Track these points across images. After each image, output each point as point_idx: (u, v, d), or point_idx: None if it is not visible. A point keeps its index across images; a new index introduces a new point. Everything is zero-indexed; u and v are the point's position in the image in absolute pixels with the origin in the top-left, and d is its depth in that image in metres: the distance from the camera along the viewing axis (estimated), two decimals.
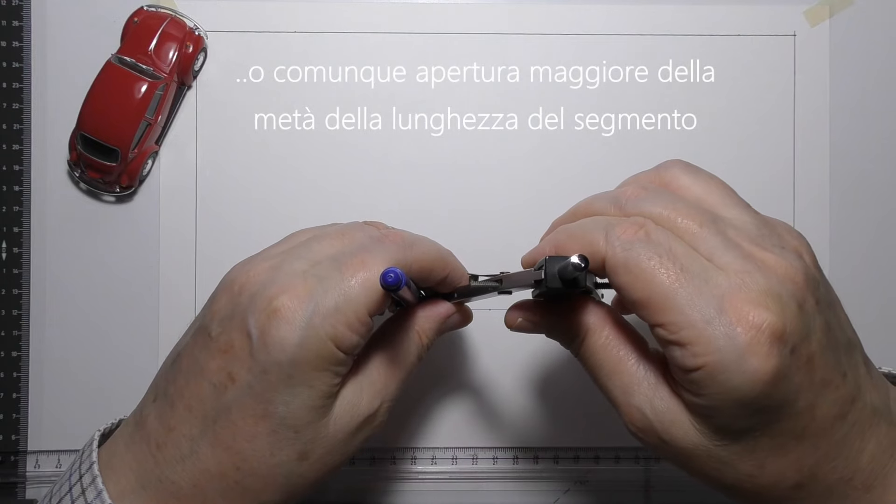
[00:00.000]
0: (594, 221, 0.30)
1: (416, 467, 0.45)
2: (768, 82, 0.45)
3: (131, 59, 0.43)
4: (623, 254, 0.27)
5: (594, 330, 0.31)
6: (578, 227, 0.30)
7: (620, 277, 0.28)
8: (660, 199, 0.29)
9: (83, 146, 0.43)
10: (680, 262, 0.27)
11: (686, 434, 0.28)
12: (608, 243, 0.28)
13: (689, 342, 0.26)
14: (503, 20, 0.45)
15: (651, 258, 0.27)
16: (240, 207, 0.45)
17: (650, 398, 0.29)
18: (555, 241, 0.31)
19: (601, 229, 0.29)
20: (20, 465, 0.44)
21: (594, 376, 0.31)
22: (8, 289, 0.44)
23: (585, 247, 0.29)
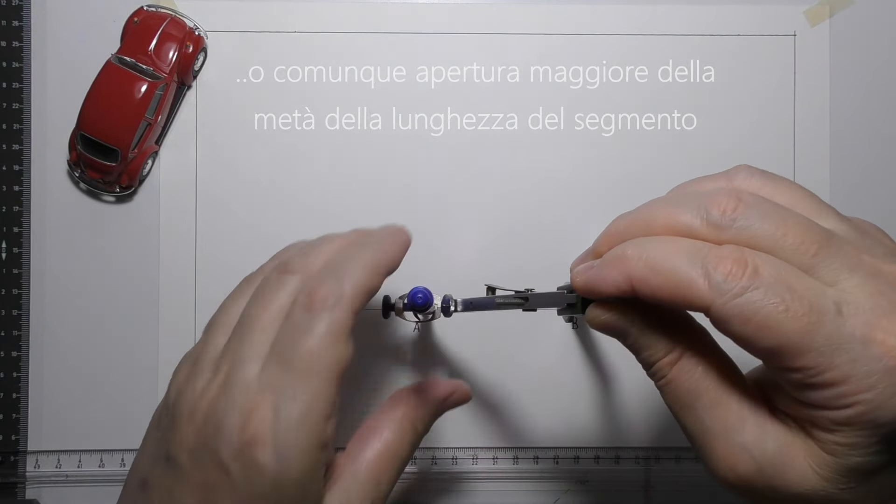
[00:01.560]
0: (680, 249, 0.25)
1: (416, 468, 0.45)
2: (768, 82, 0.45)
3: (131, 59, 0.43)
4: (734, 302, 0.24)
5: (698, 347, 0.26)
6: (662, 257, 0.25)
7: (737, 328, 0.24)
8: (764, 213, 0.25)
9: (83, 146, 0.43)
10: (807, 300, 0.23)
11: (803, 478, 0.25)
12: (713, 289, 0.24)
13: (836, 383, 0.23)
14: (503, 20, 0.45)
15: (772, 302, 0.23)
16: (240, 207, 0.45)
17: (760, 438, 0.25)
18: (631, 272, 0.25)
19: (694, 265, 0.24)
20: (20, 465, 0.44)
21: (683, 406, 0.27)
22: (8, 289, 0.44)
23: (679, 289, 0.24)
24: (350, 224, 0.45)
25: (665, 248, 0.25)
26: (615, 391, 0.45)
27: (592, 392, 0.45)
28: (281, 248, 0.45)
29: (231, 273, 0.45)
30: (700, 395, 0.26)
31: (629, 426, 0.45)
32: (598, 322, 0.28)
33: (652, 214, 0.27)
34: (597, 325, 0.29)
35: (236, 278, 0.45)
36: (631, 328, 0.27)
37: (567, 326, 0.45)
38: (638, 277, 0.25)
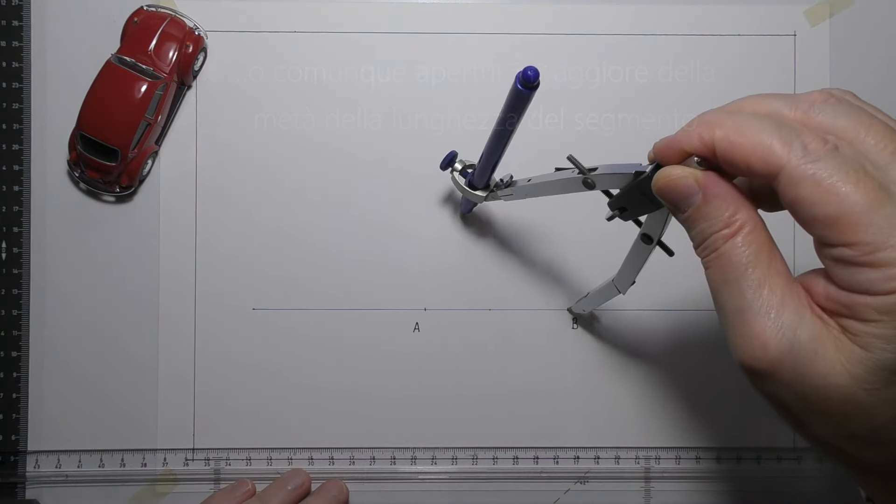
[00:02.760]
0: (767, 121, 0.26)
1: (416, 467, 0.45)
2: (768, 82, 0.45)
3: (131, 59, 0.43)
4: (810, 165, 0.24)
5: (759, 226, 0.27)
6: (747, 121, 0.26)
7: (803, 190, 0.24)
8: (851, 111, 0.26)
9: (83, 146, 0.43)
10: (877, 182, 0.24)
11: (831, 370, 0.25)
12: (791, 150, 0.25)
13: (885, 263, 0.24)
14: (503, 20, 0.45)
15: (844, 173, 0.24)
16: (240, 207, 0.45)
17: (796, 325, 0.25)
18: (716, 128, 0.27)
19: (777, 132, 0.25)
20: (20, 465, 0.44)
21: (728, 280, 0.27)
22: (8, 289, 0.44)
23: (756, 148, 0.25)
24: (350, 222, 0.45)
25: (751, 118, 0.26)
26: (615, 391, 0.45)
27: (592, 392, 0.45)
28: (279, 246, 0.45)
29: (231, 272, 0.45)
30: (747, 271, 0.26)
31: (629, 426, 0.45)
32: (668, 179, 0.28)
33: (744, 101, 0.29)
34: (665, 184, 0.28)
35: (236, 278, 0.45)
36: (696, 195, 0.27)
37: (567, 327, 0.45)
38: (722, 135, 0.26)
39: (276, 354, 0.45)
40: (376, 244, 0.45)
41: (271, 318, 0.45)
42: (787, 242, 0.45)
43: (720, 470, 0.45)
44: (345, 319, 0.45)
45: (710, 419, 0.45)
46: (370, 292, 0.45)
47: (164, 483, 0.45)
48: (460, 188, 0.41)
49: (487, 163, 0.38)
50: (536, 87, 0.31)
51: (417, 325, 0.45)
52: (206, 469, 0.45)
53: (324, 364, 0.45)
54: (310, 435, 0.45)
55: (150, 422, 0.45)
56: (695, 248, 0.28)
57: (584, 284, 0.45)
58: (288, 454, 0.45)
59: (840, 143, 0.25)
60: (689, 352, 0.45)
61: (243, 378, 0.45)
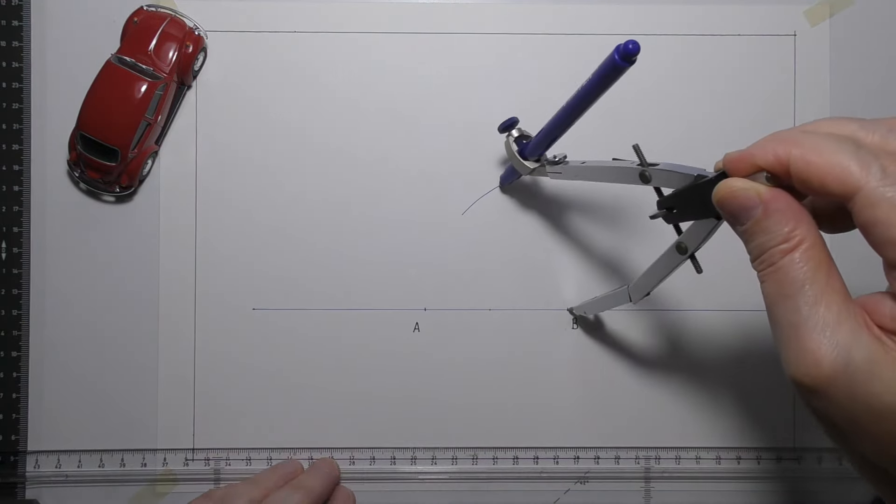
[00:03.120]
0: (843, 142, 0.26)
1: (416, 467, 0.45)
2: (768, 82, 0.45)
3: (131, 59, 0.43)
4: (889, 188, 0.24)
5: (819, 243, 0.27)
6: (825, 142, 0.26)
7: (881, 212, 0.24)
8: None
9: (83, 146, 0.43)
10: None
11: (885, 392, 0.24)
12: (869, 172, 0.24)
13: None
14: (503, 20, 0.45)
15: None
16: (240, 207, 0.45)
17: (852, 344, 0.25)
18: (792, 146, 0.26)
19: (855, 154, 0.25)
20: (20, 465, 0.44)
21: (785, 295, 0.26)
22: (8, 289, 0.44)
23: (833, 168, 0.25)
24: (350, 222, 0.45)
25: (829, 138, 0.26)
26: (615, 391, 0.45)
27: (592, 392, 0.45)
28: (279, 246, 0.45)
29: (231, 272, 0.45)
30: (804, 287, 0.26)
31: (629, 426, 0.45)
32: (730, 191, 0.28)
33: (818, 124, 0.28)
34: (727, 195, 0.28)
35: (236, 278, 0.45)
36: (757, 208, 0.27)
37: (567, 327, 0.45)
38: (798, 154, 0.26)
39: (276, 354, 0.45)
40: (376, 244, 0.45)
41: (271, 318, 0.45)
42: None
43: (720, 470, 0.45)
44: (345, 319, 0.45)
45: (710, 419, 0.45)
46: (370, 292, 0.45)
47: (164, 483, 0.45)
48: (511, 155, 0.41)
49: (549, 134, 0.38)
50: (634, 62, 0.30)
51: (417, 325, 0.45)
52: (205, 469, 0.45)
53: (324, 364, 0.45)
54: (309, 435, 0.45)
55: (150, 422, 0.45)
56: (751, 262, 0.28)
57: (585, 284, 0.45)
58: (288, 454, 0.45)
59: None
60: (689, 352, 0.45)
61: (243, 378, 0.45)
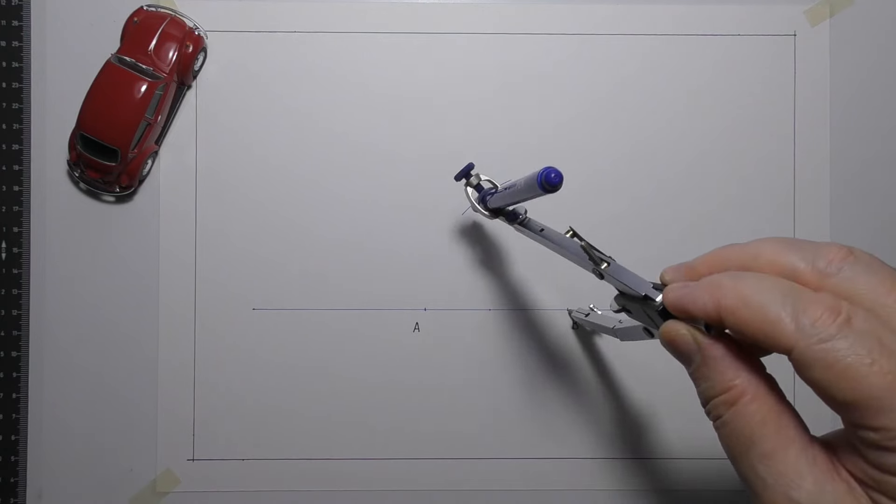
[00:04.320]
0: (775, 286, 0.24)
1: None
2: (768, 82, 0.45)
3: (131, 59, 0.43)
4: (820, 347, 0.23)
5: (761, 392, 0.25)
6: (756, 291, 0.24)
7: (817, 374, 0.23)
8: (872, 270, 0.24)
9: (83, 146, 0.43)
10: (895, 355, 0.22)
11: None
12: (799, 330, 0.23)
13: None
14: (503, 20, 0.45)
15: (858, 354, 0.22)
16: (239, 207, 0.45)
17: (815, 496, 0.24)
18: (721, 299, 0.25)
19: (785, 304, 0.24)
20: (20, 465, 0.44)
21: (738, 453, 0.25)
22: (8, 289, 0.44)
23: (765, 325, 0.24)
24: (350, 222, 0.45)
25: (761, 283, 0.25)
26: (615, 392, 0.45)
27: (593, 392, 0.45)
28: (280, 246, 0.45)
29: (230, 272, 0.45)
30: (755, 443, 0.25)
31: (631, 428, 0.45)
32: (671, 336, 0.27)
33: (760, 249, 0.27)
34: (668, 339, 0.28)
35: (236, 278, 0.45)
36: (696, 355, 0.27)
37: (567, 327, 0.45)
38: (728, 306, 0.25)
39: (276, 354, 0.45)
40: (376, 244, 0.45)
41: (271, 318, 0.45)
42: None
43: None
44: (345, 319, 0.45)
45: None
46: (370, 292, 0.45)
47: (164, 483, 0.45)
48: (472, 203, 0.40)
49: (506, 200, 0.37)
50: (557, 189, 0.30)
51: (417, 325, 0.45)
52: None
53: (324, 364, 0.45)
54: (309, 435, 0.45)
55: (151, 421, 0.45)
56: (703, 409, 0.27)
57: (585, 285, 0.45)
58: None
59: (855, 312, 0.23)
60: None
61: (243, 377, 0.45)
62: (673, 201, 0.45)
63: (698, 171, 0.45)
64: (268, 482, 0.44)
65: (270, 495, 0.45)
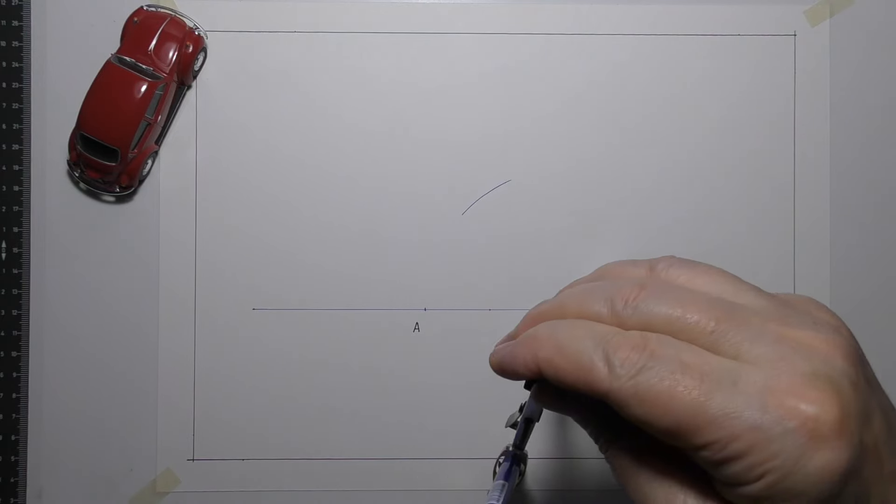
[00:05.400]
0: (587, 332, 0.25)
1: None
2: (768, 82, 0.45)
3: (131, 58, 0.43)
4: (630, 384, 0.23)
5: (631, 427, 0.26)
6: (569, 340, 0.25)
7: (634, 410, 0.23)
8: (664, 298, 0.25)
9: (83, 146, 0.43)
10: (698, 372, 0.23)
11: None
12: (611, 373, 0.24)
13: (740, 454, 0.22)
14: (503, 20, 0.45)
15: (663, 378, 0.23)
16: (240, 207, 0.45)
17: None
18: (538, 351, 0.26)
19: (597, 349, 0.24)
20: (20, 465, 0.44)
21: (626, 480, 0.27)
22: (8, 289, 0.44)
23: (580, 372, 0.24)
24: (350, 222, 0.45)
25: (573, 330, 0.25)
26: None
27: None
28: (280, 246, 0.45)
29: (231, 272, 0.45)
30: (637, 472, 0.26)
31: None
32: (540, 402, 0.28)
33: (565, 302, 0.27)
34: (542, 405, 0.29)
35: (236, 277, 0.45)
36: (568, 409, 0.28)
37: None
38: (545, 358, 0.25)
39: (276, 354, 0.45)
40: (376, 244, 0.45)
41: (271, 318, 0.45)
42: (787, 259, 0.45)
43: None
44: (345, 319, 0.45)
45: None
46: (370, 292, 0.45)
47: (164, 483, 0.45)
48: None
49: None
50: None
51: (417, 325, 0.45)
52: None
53: (324, 364, 0.45)
54: (309, 435, 0.45)
55: (151, 421, 0.45)
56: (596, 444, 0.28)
57: None
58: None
59: (659, 341, 0.24)
60: None
61: (243, 377, 0.45)
62: (672, 201, 0.45)
63: (697, 171, 0.45)
64: (268, 482, 0.44)
65: (270, 495, 0.45)
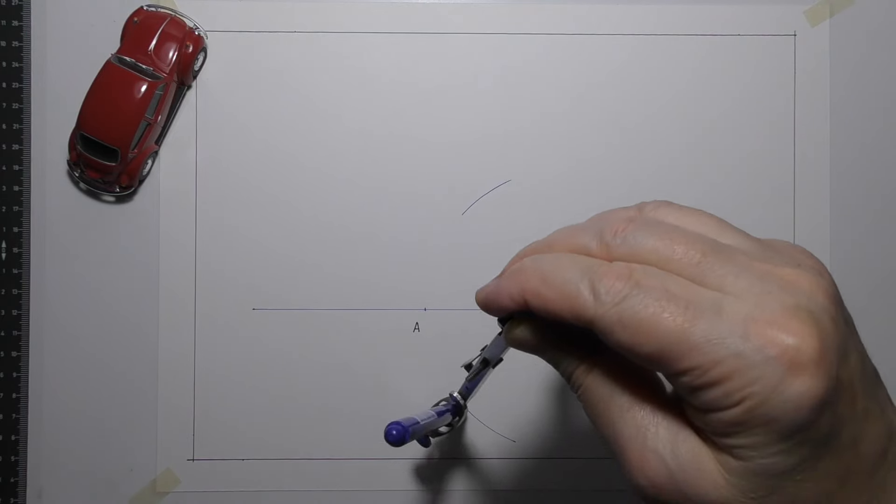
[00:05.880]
0: (573, 264, 0.25)
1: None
2: (768, 82, 0.45)
3: (131, 59, 0.43)
4: (615, 310, 0.24)
5: (607, 357, 0.27)
6: (554, 270, 0.26)
7: (618, 336, 0.24)
8: (652, 231, 0.25)
9: (83, 146, 0.43)
10: (683, 302, 0.23)
11: (715, 486, 0.24)
12: (596, 300, 0.24)
13: (720, 380, 0.23)
14: (503, 20, 0.45)
15: (648, 305, 0.23)
16: (239, 207, 0.45)
17: (672, 443, 0.25)
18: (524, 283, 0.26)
19: (583, 279, 0.25)
20: (20, 465, 0.44)
21: (598, 414, 0.27)
22: (8, 289, 0.44)
23: (564, 300, 0.25)
24: (350, 220, 0.45)
25: (558, 262, 0.26)
26: None
27: None
28: (280, 246, 0.45)
29: (231, 272, 0.45)
30: (612, 400, 0.26)
31: None
32: (513, 338, 0.29)
33: (555, 237, 0.28)
34: (513, 342, 0.29)
35: (236, 278, 0.45)
36: (543, 343, 0.28)
37: None
38: (531, 289, 0.26)
39: (276, 354, 0.45)
40: (376, 244, 0.45)
41: (271, 318, 0.45)
42: None
43: None
44: (345, 319, 0.45)
45: None
46: (370, 292, 0.45)
47: (164, 483, 0.45)
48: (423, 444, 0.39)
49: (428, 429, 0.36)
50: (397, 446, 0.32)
51: (417, 325, 0.45)
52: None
53: (324, 364, 0.45)
54: (309, 435, 0.45)
55: (151, 421, 0.45)
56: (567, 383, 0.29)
57: None
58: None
59: (644, 272, 0.24)
60: None
61: (243, 377, 0.45)
62: (672, 201, 0.45)
63: (697, 171, 0.45)
64: (268, 482, 0.44)
65: (270, 495, 0.45)
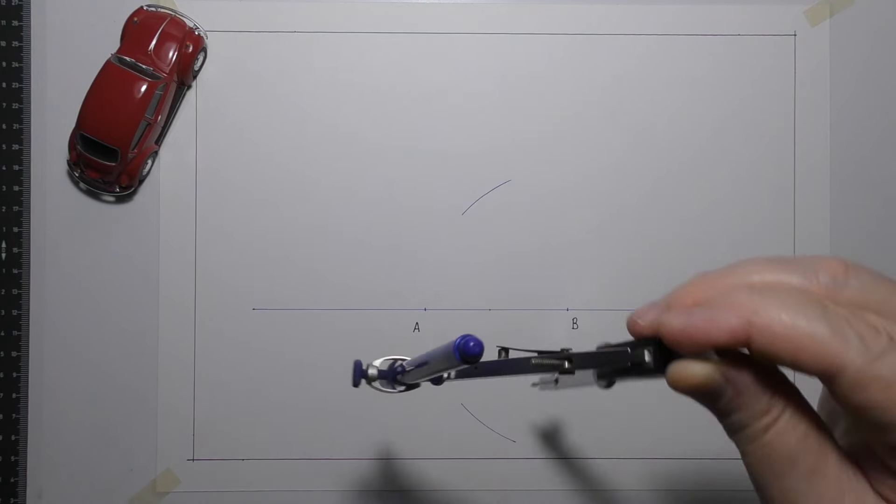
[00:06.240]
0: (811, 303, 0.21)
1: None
2: (768, 82, 0.45)
3: (131, 59, 0.43)
4: (880, 365, 0.20)
5: (802, 405, 0.23)
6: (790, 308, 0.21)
7: (872, 395, 0.21)
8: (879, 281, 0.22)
9: (83, 146, 0.43)
10: None
11: None
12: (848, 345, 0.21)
13: None
14: (503, 20, 0.45)
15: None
16: (239, 206, 0.45)
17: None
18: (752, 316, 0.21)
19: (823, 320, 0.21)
20: (20, 465, 0.44)
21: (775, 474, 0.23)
22: (8, 289, 0.44)
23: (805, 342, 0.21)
24: (350, 220, 0.45)
25: (789, 298, 0.22)
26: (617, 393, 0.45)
27: (595, 395, 0.45)
28: (280, 246, 0.45)
29: (230, 272, 0.45)
30: (797, 462, 0.22)
31: (636, 430, 0.45)
32: (692, 382, 0.23)
33: (749, 270, 0.23)
34: (688, 387, 0.23)
35: (236, 277, 0.45)
36: (727, 387, 0.23)
37: (567, 327, 0.45)
38: (761, 324, 0.21)
39: (276, 354, 0.45)
40: (376, 244, 0.45)
41: (271, 318, 0.45)
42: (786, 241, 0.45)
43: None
44: (345, 319, 0.45)
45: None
46: (370, 292, 0.45)
47: (164, 483, 0.45)
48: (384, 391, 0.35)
49: (423, 375, 0.32)
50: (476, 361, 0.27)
51: (417, 325, 0.45)
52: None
53: (324, 364, 0.45)
54: (309, 434, 0.45)
55: (151, 421, 0.45)
56: (728, 435, 0.24)
57: (585, 284, 0.45)
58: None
59: (889, 327, 0.21)
60: None
61: (243, 377, 0.45)
62: (672, 201, 0.45)
63: (698, 171, 0.45)
64: (268, 482, 0.44)
65: (270, 495, 0.45)
